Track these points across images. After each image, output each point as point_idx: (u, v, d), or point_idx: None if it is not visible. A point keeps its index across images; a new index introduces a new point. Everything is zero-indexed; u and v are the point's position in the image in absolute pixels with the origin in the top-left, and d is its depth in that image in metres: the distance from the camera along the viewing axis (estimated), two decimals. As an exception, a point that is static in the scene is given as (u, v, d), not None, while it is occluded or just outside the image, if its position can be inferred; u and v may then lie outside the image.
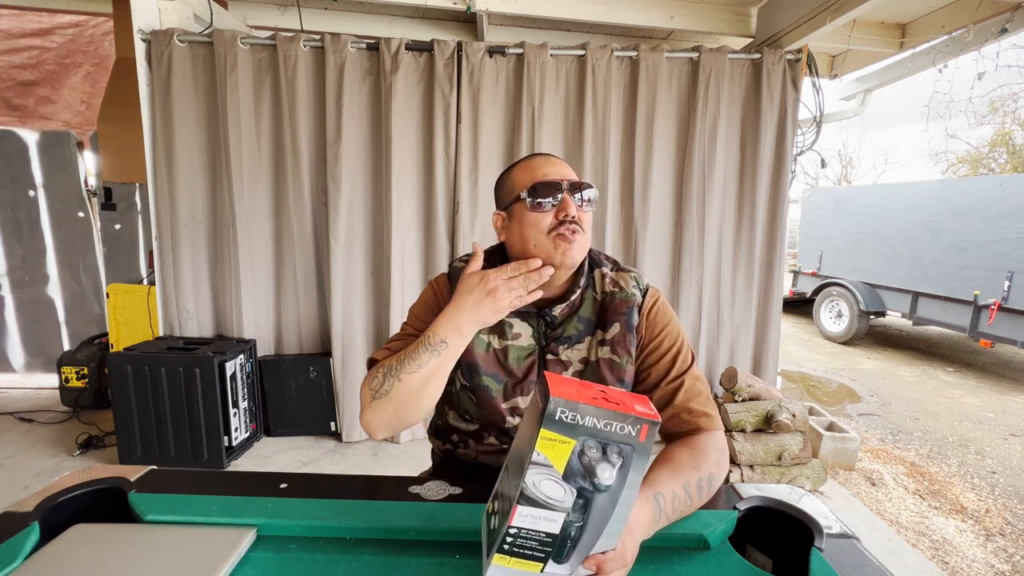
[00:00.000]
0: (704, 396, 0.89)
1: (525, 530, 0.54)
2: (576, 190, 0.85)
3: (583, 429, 0.51)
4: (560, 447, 0.51)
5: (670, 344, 0.91)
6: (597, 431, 0.51)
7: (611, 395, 0.54)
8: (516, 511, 0.54)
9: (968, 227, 4.88)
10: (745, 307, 2.85)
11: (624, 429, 0.51)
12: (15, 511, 0.70)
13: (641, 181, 2.70)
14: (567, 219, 0.83)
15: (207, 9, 2.74)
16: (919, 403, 4.06)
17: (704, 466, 0.78)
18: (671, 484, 0.73)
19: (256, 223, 2.68)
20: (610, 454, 0.52)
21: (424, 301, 0.96)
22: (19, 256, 3.46)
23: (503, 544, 0.55)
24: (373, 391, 0.81)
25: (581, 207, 0.85)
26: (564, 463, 0.52)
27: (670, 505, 0.71)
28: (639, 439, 0.51)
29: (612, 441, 0.51)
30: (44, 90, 3.61)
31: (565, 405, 0.51)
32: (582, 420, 0.51)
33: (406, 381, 0.78)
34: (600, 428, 0.51)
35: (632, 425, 0.51)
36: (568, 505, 0.53)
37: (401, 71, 2.54)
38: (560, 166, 0.88)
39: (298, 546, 0.71)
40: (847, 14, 2.32)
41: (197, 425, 2.37)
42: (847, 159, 19.24)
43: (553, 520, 0.54)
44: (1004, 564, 2.10)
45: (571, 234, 0.83)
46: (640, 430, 0.51)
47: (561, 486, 0.53)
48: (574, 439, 0.51)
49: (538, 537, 0.55)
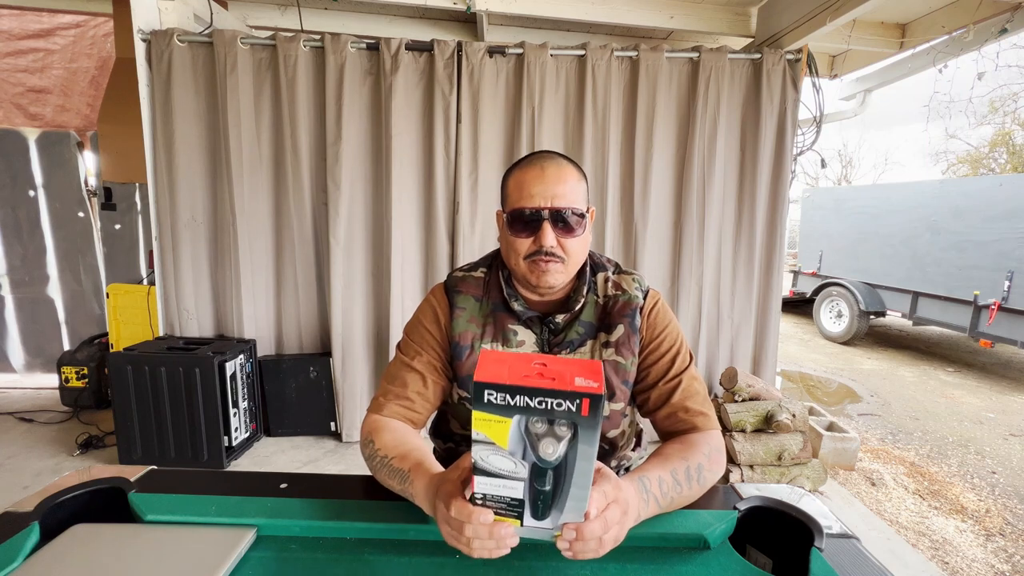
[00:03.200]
0: (701, 396, 0.89)
1: (490, 495, 0.55)
2: (558, 220, 0.82)
3: (517, 409, 0.49)
4: (497, 426, 0.50)
5: (669, 345, 0.91)
6: (533, 409, 0.49)
7: (551, 368, 0.51)
8: (474, 481, 0.54)
9: (968, 227, 4.88)
10: (745, 307, 2.85)
11: (562, 405, 0.48)
12: (15, 511, 0.70)
13: (641, 181, 2.70)
14: (541, 250, 0.82)
15: (207, 9, 2.74)
16: (919, 403, 4.06)
17: (693, 457, 0.79)
18: (658, 471, 0.74)
19: (256, 223, 2.68)
20: (557, 427, 0.50)
21: (424, 315, 0.96)
22: (19, 256, 3.46)
23: (474, 502, 0.57)
24: (364, 451, 0.84)
25: (565, 232, 0.83)
26: (505, 439, 0.51)
27: (656, 488, 0.71)
28: (581, 414, 0.49)
29: (555, 417, 0.50)
30: (58, 99, 3.63)
31: (492, 388, 0.49)
32: (512, 400, 0.49)
33: (383, 479, 0.79)
34: (535, 407, 0.49)
35: (571, 400, 0.48)
36: (523, 474, 0.53)
37: (401, 71, 2.54)
38: (551, 183, 0.83)
39: (298, 546, 0.71)
40: (847, 14, 2.32)
41: (197, 425, 2.37)
42: (847, 159, 19.27)
43: (513, 487, 0.54)
44: (1004, 564, 2.10)
45: (545, 264, 0.83)
46: (580, 404, 0.48)
47: (510, 459, 0.52)
48: (508, 418, 0.50)
49: (505, 500, 0.55)
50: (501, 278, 0.92)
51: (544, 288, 0.86)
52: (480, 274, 0.96)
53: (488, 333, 0.92)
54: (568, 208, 0.82)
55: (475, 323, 0.92)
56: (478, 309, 0.93)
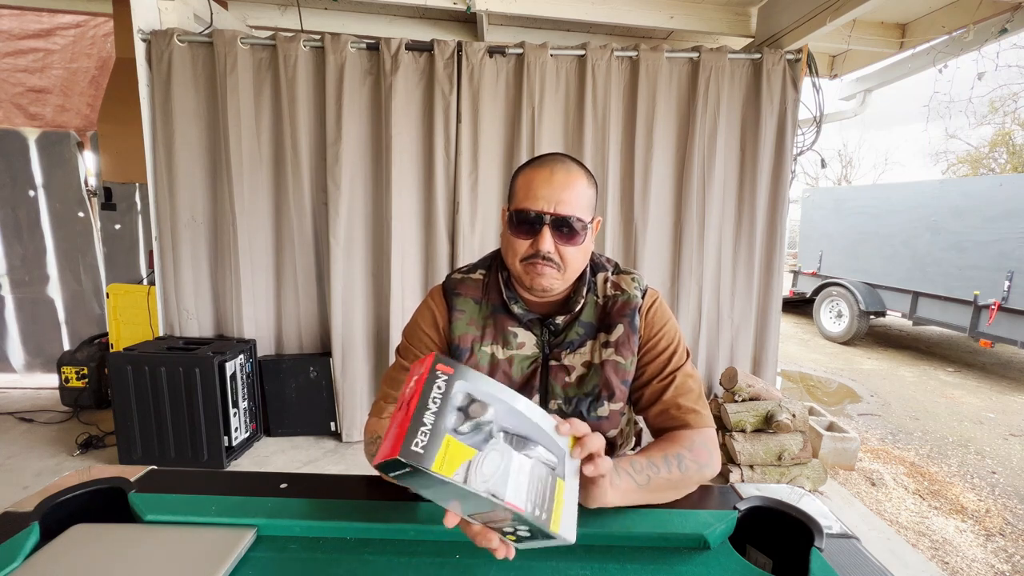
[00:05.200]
0: (695, 394, 0.89)
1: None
2: (559, 226, 0.82)
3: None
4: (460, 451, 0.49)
5: (667, 344, 0.91)
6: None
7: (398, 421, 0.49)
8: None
9: (968, 227, 4.88)
10: (745, 307, 2.85)
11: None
12: (15, 511, 0.70)
13: (641, 181, 2.70)
14: (538, 254, 0.82)
15: (207, 9, 2.74)
16: (919, 403, 4.06)
17: (672, 448, 0.80)
18: (635, 456, 0.76)
19: (256, 223, 2.68)
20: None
21: (422, 319, 0.96)
22: (19, 256, 3.46)
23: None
24: (367, 451, 0.87)
25: (564, 240, 0.83)
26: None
27: (628, 465, 0.73)
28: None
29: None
30: (58, 98, 3.63)
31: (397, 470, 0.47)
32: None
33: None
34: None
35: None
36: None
37: (401, 71, 2.54)
38: (558, 188, 0.82)
39: (298, 546, 0.71)
40: (847, 14, 2.32)
41: (197, 425, 2.37)
42: (847, 159, 19.26)
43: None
44: (1004, 564, 2.10)
45: (541, 268, 0.83)
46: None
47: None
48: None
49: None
50: (501, 280, 0.92)
51: (538, 291, 0.86)
52: (479, 276, 0.96)
53: (488, 335, 0.92)
54: (571, 216, 0.81)
55: (474, 325, 0.92)
56: (477, 311, 0.93)
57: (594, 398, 0.90)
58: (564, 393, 0.91)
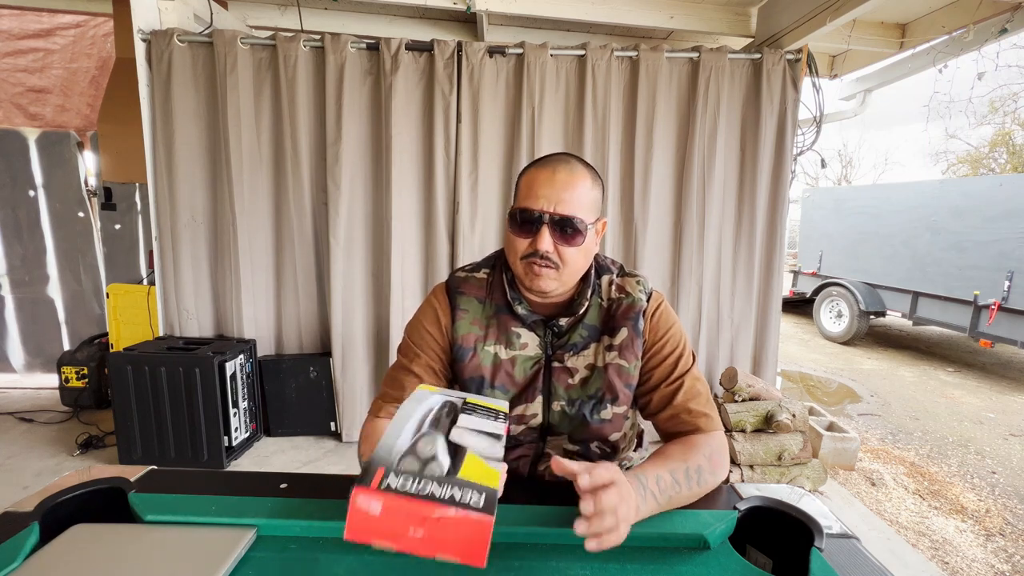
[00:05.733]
0: (704, 397, 0.89)
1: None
2: (558, 226, 0.81)
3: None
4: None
5: (672, 347, 0.91)
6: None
7: (428, 537, 0.50)
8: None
9: (968, 227, 4.88)
10: (745, 307, 2.85)
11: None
12: (15, 511, 0.70)
13: (641, 181, 2.70)
14: (537, 253, 0.82)
15: (207, 9, 2.74)
16: (919, 403, 4.06)
17: (693, 458, 0.79)
18: (656, 469, 0.75)
19: (256, 223, 2.68)
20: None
21: (424, 317, 0.95)
22: (19, 256, 3.46)
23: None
24: (359, 447, 0.88)
25: (564, 240, 0.82)
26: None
27: (654, 484, 0.72)
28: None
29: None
30: (58, 98, 3.63)
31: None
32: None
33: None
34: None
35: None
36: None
37: (401, 71, 2.54)
38: (560, 188, 0.81)
39: (298, 546, 0.70)
40: (847, 14, 2.32)
41: (197, 425, 2.37)
42: (847, 159, 19.26)
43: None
44: (1004, 564, 2.10)
45: (539, 267, 0.83)
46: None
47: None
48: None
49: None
50: (505, 280, 0.92)
51: (537, 292, 0.86)
52: (483, 275, 0.95)
53: (491, 335, 0.91)
54: (571, 216, 0.81)
55: (478, 325, 0.92)
56: (481, 311, 0.93)
57: (597, 401, 0.90)
58: (567, 395, 0.90)
